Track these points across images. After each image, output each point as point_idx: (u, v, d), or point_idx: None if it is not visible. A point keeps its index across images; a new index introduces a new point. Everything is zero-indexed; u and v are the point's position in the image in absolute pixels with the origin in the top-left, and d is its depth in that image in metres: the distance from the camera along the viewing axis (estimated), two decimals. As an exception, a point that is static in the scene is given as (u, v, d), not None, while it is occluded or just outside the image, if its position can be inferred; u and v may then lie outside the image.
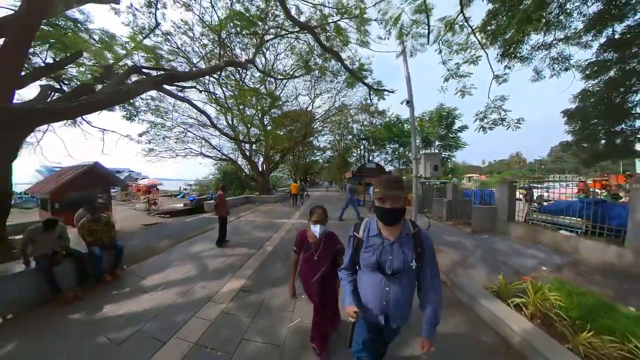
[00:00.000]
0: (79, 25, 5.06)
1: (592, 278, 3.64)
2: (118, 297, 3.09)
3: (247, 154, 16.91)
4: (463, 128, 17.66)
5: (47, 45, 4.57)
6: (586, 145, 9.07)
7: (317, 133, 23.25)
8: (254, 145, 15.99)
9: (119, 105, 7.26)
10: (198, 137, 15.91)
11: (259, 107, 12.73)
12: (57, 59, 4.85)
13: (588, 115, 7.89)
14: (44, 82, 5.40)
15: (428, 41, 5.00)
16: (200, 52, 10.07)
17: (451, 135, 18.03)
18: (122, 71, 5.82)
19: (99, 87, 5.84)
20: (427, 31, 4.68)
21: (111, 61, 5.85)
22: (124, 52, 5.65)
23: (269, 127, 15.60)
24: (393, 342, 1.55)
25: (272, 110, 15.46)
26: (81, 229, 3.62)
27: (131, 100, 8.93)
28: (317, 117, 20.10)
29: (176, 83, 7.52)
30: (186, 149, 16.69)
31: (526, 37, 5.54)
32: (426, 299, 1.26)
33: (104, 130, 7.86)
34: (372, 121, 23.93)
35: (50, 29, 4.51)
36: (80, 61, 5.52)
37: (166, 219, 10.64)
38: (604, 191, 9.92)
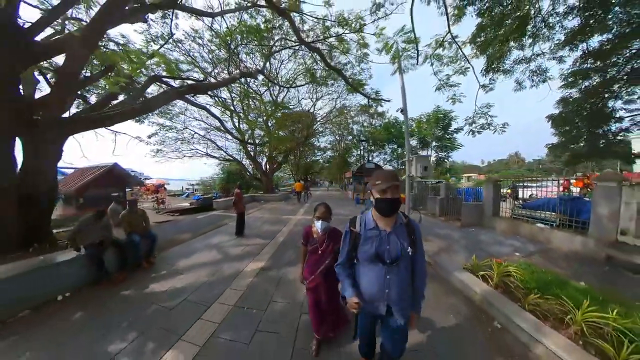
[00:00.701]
0: (110, 39, 5.67)
1: (557, 262, 4.28)
2: (158, 278, 3.72)
3: (252, 154, 17.52)
4: (459, 130, 18.35)
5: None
6: (571, 146, 9.72)
7: (318, 134, 23.89)
8: (259, 147, 16.61)
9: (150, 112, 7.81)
10: (204, 139, 16.51)
11: (262, 110, 13.35)
12: (92, 73, 5.46)
13: (570, 119, 8.53)
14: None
15: (417, 62, 5.65)
16: (208, 58, 10.71)
17: (447, 137, 18.69)
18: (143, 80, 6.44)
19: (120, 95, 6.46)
20: (417, 54, 5.30)
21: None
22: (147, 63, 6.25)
23: (272, 128, 16.22)
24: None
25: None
26: (122, 220, 4.23)
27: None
28: (318, 120, 20.74)
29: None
30: (192, 149, 17.33)
31: (508, 53, 6.16)
32: (416, 281, 1.41)
33: (116, 132, 8.38)
34: (371, 122, 24.58)
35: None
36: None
37: (176, 216, 11.25)
38: (588, 189, 10.54)
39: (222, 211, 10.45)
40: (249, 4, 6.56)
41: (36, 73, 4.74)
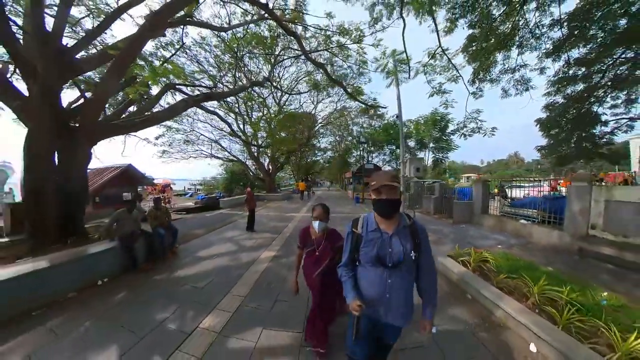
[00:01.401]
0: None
1: (534, 253, 4.83)
2: (183, 265, 4.26)
3: (255, 155, 18.07)
4: (455, 131, 18.94)
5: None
6: (559, 148, 10.26)
7: (319, 135, 24.44)
8: (262, 148, 17.15)
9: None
10: (209, 140, 17.05)
11: (266, 114, 13.90)
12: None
13: (557, 123, 9.08)
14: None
15: (409, 76, 6.22)
16: (214, 63, 11.24)
17: (444, 138, 19.27)
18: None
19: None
20: (409, 70, 5.88)
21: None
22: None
23: (274, 129, 16.77)
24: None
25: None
26: (148, 215, 4.77)
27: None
28: (319, 121, 21.29)
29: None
30: (197, 150, 17.86)
31: (494, 64, 6.72)
32: (424, 285, 1.35)
33: (127, 134, 8.91)
34: (371, 123, 25.12)
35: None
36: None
37: (184, 215, 11.78)
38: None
39: (228, 210, 10.99)
40: (256, 17, 7.08)
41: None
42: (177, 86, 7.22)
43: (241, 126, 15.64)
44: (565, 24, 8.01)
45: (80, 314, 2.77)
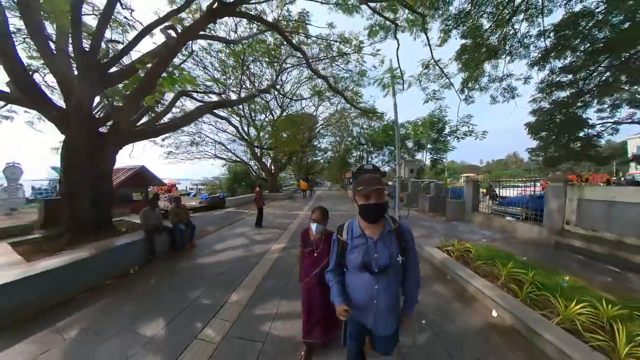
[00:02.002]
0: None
1: (514, 246, 5.39)
2: (203, 255, 4.82)
3: (258, 156, 18.64)
4: (450, 133, 19.53)
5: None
6: (548, 150, 10.84)
7: (320, 136, 25.01)
8: (265, 150, 17.71)
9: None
10: (214, 142, 17.60)
11: (268, 115, 14.45)
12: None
13: (544, 127, 9.65)
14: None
15: (403, 88, 6.78)
16: (219, 67, 11.79)
17: (442, 139, 19.86)
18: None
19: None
20: (402, 83, 6.45)
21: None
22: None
23: (277, 130, 17.34)
24: None
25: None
26: (170, 213, 5.34)
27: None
28: (320, 122, 21.86)
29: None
30: (201, 151, 18.41)
31: (482, 75, 7.28)
32: (407, 284, 1.37)
33: (148, 139, 9.48)
34: (371, 124, 25.66)
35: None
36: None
37: (192, 214, 12.33)
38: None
39: (234, 208, 11.56)
40: (262, 29, 7.62)
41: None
42: (188, 93, 7.76)
43: (245, 128, 16.22)
44: (551, 34, 8.59)
45: (124, 296, 3.31)
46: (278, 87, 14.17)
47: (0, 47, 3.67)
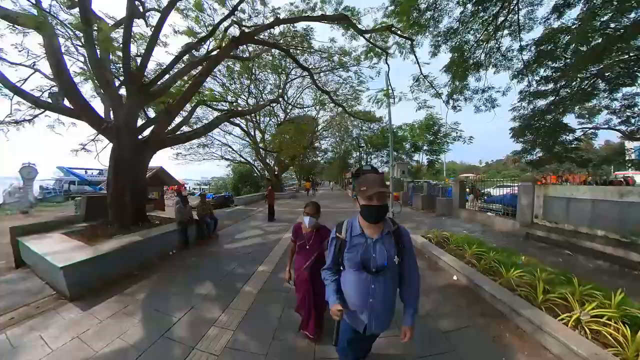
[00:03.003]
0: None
1: (490, 236, 6.32)
2: (227, 243, 5.76)
3: (263, 156, 19.60)
4: (447, 135, 20.47)
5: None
6: (532, 152, 11.76)
7: (321, 138, 25.95)
8: (270, 152, 18.69)
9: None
10: (220, 144, 18.56)
11: (272, 118, 15.41)
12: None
13: (527, 131, 10.57)
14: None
15: (394, 102, 7.70)
16: (227, 73, 12.76)
17: (437, 141, 20.81)
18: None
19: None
20: (394, 98, 7.40)
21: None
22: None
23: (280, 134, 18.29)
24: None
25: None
26: (198, 207, 6.27)
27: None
28: (320, 125, 22.81)
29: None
30: (208, 153, 19.37)
31: (466, 87, 8.21)
32: (406, 290, 1.37)
33: (177, 145, 10.35)
34: (370, 126, 26.57)
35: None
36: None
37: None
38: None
39: (242, 206, 12.50)
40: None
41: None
42: (206, 102, 8.71)
43: (251, 131, 17.20)
44: (532, 48, 9.54)
45: (171, 270, 4.25)
46: (284, 93, 15.16)
47: (64, 80, 4.62)
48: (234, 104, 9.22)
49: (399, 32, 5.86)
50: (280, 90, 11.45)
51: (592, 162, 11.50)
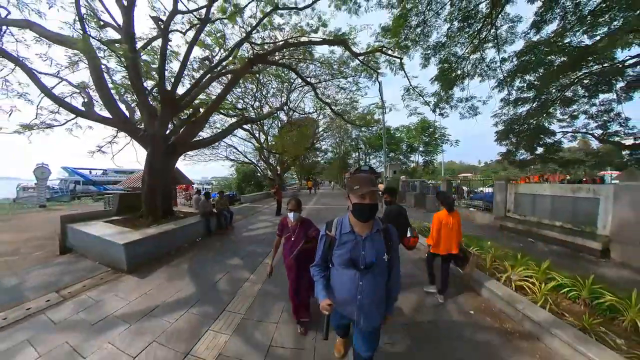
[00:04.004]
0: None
1: (470, 228, 7.28)
2: (243, 232, 6.75)
3: (266, 157, 20.58)
4: (441, 136, 21.47)
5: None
6: (517, 154, 12.72)
7: (321, 139, 26.92)
8: (274, 153, 19.66)
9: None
10: (226, 145, 19.51)
11: (275, 122, 16.39)
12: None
13: (511, 135, 11.55)
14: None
15: (385, 112, 8.69)
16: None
17: (433, 142, 21.82)
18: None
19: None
20: (385, 109, 8.37)
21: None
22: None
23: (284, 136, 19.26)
24: None
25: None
26: (217, 202, 7.26)
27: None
28: (321, 127, 23.78)
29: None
30: (213, 153, 20.32)
31: (451, 97, 9.20)
32: (390, 282, 1.44)
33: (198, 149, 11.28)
34: (369, 127, 27.54)
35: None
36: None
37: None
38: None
39: (249, 203, 13.49)
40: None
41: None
42: (220, 110, 9.70)
43: (256, 133, 18.15)
44: (514, 59, 10.54)
45: (202, 252, 5.24)
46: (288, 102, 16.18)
47: (105, 94, 5.60)
48: (243, 110, 10.20)
49: (389, 51, 6.81)
50: (283, 100, 12.44)
51: (571, 163, 12.45)
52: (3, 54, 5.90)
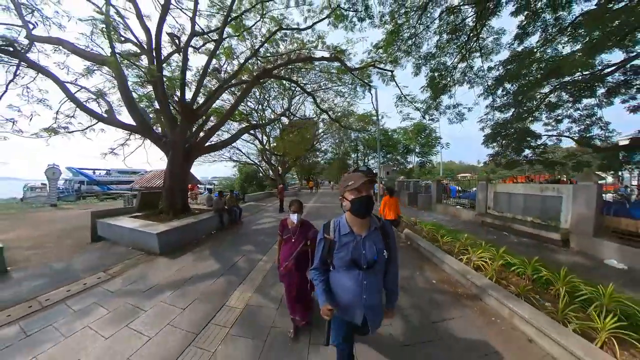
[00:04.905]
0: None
1: (454, 223, 8.13)
2: (251, 226, 7.61)
3: (268, 158, 21.45)
4: (437, 138, 22.31)
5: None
6: (505, 155, 13.54)
7: (321, 140, 27.78)
8: (276, 154, 20.54)
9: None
10: (230, 146, 20.39)
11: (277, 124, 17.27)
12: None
13: (498, 137, 12.37)
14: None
15: (379, 120, 9.49)
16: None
17: (429, 143, 22.67)
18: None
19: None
20: (379, 117, 9.19)
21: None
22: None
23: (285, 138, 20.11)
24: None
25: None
26: (228, 200, 8.13)
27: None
28: (321, 129, 24.65)
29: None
30: (217, 154, 21.17)
31: (439, 104, 10.05)
32: (390, 279, 1.46)
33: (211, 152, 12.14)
34: (367, 128, 28.36)
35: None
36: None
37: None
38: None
39: (253, 202, 14.35)
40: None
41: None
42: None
43: (258, 135, 19.04)
44: (500, 67, 11.37)
45: (217, 241, 6.10)
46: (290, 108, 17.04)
47: (131, 105, 6.46)
48: (248, 116, 11.07)
49: (381, 65, 7.65)
50: (285, 104, 13.32)
51: (555, 165, 13.24)
52: (40, 69, 6.75)
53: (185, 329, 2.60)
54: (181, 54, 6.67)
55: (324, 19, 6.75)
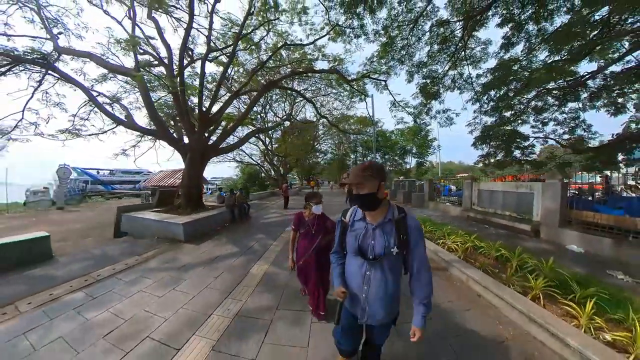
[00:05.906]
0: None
1: (443, 218, 8.98)
2: (260, 220, 8.48)
3: (270, 159, 22.34)
4: (433, 140, 23.22)
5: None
6: (496, 155, 14.41)
7: (321, 141, 28.67)
8: (278, 155, 21.44)
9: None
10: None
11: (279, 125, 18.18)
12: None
13: (487, 140, 13.24)
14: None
15: (375, 125, 10.36)
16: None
17: (425, 144, 23.58)
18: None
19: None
20: (374, 123, 10.03)
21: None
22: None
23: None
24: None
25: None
26: (239, 198, 9.00)
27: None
28: (321, 130, 25.54)
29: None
30: (222, 155, 22.07)
31: (430, 109, 10.93)
32: (413, 287, 1.30)
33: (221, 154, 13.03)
34: (366, 129, 29.24)
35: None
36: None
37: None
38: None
39: (257, 200, 15.22)
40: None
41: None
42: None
43: (261, 136, 19.94)
44: (488, 74, 12.25)
45: (231, 233, 6.96)
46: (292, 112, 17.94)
47: (153, 113, 7.33)
48: (252, 120, 11.96)
49: (375, 76, 8.53)
50: (286, 108, 14.25)
51: (542, 165, 14.11)
52: (68, 79, 7.58)
53: (221, 289, 3.46)
54: (195, 64, 7.52)
55: (324, 36, 7.64)
